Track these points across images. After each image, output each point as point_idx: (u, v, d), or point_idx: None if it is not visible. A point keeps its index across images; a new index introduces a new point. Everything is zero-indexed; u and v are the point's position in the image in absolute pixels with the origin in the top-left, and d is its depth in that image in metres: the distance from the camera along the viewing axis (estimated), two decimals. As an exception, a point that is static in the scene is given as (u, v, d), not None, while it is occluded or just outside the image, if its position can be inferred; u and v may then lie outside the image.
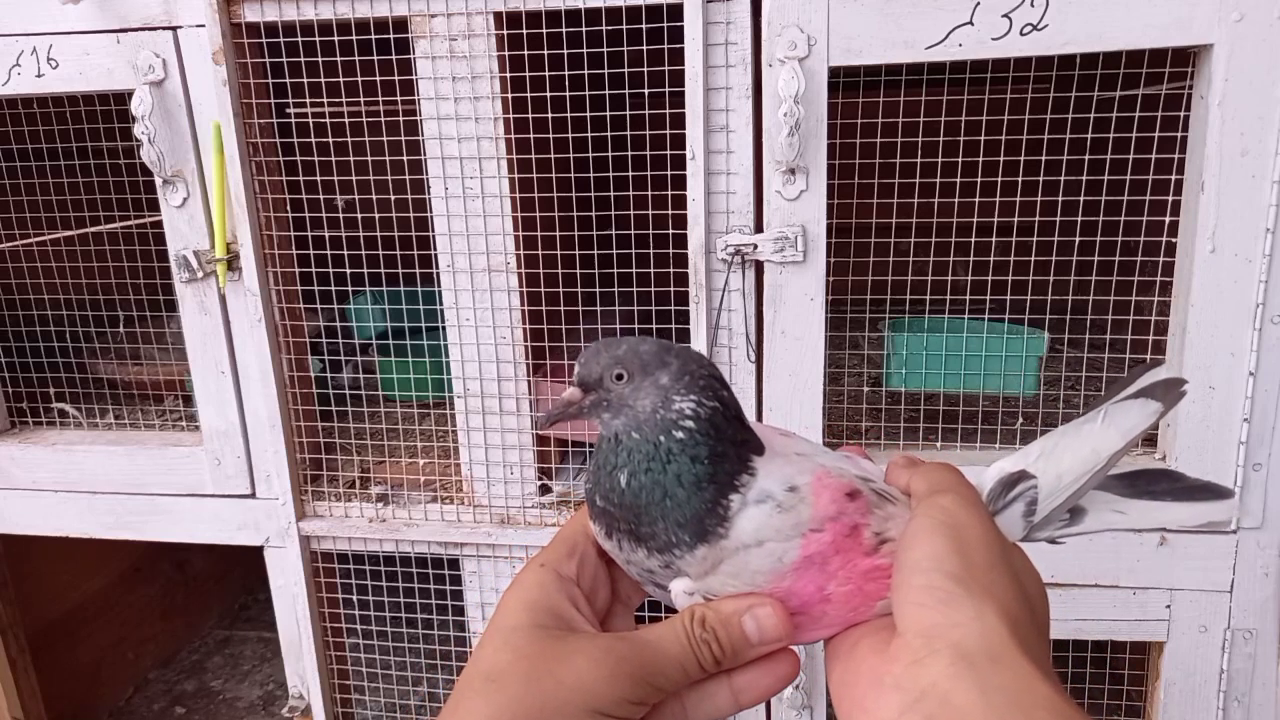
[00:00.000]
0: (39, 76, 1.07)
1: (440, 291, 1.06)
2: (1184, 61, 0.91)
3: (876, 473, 0.46)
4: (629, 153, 1.00)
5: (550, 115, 1.00)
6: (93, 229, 1.31)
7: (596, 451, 0.45)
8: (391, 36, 1.04)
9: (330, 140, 1.08)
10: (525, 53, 0.99)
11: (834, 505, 0.42)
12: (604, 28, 0.94)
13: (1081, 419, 0.47)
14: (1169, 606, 1.00)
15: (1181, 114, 0.92)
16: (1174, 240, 0.95)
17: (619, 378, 0.43)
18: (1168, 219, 0.95)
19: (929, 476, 0.44)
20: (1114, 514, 0.47)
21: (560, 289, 1.09)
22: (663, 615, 0.45)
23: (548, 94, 0.98)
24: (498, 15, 0.96)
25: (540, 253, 1.05)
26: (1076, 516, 0.47)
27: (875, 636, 0.40)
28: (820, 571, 0.41)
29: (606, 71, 0.96)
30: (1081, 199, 1.07)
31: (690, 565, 0.41)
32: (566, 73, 0.96)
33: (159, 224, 1.10)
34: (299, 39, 1.00)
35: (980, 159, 1.02)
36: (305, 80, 1.01)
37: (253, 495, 1.17)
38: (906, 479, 0.45)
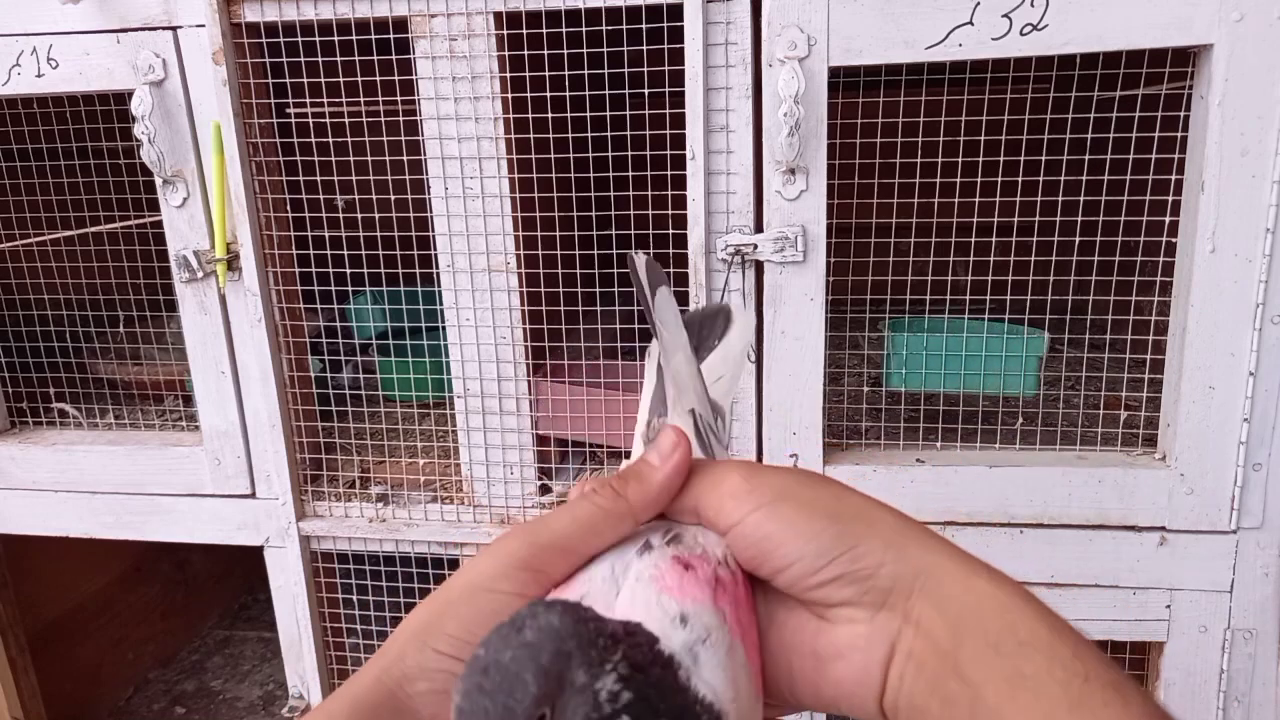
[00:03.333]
0: (39, 76, 1.07)
1: (440, 291, 1.06)
2: (1184, 61, 0.91)
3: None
4: (629, 153, 1.00)
5: (550, 115, 1.00)
6: (93, 229, 1.31)
7: None
8: (391, 36, 1.04)
9: (330, 140, 1.08)
10: (525, 53, 0.99)
11: (697, 591, 0.38)
12: (604, 28, 0.94)
13: (654, 365, 0.48)
14: (1169, 606, 1.00)
15: (1181, 114, 0.92)
16: (1174, 240, 0.95)
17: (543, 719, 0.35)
18: (1168, 219, 0.94)
19: (705, 496, 0.40)
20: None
21: (560, 289, 1.09)
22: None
23: (548, 94, 0.98)
24: (498, 15, 0.96)
25: (540, 253, 1.05)
26: (718, 414, 0.48)
27: (790, 626, 0.39)
28: (749, 628, 0.39)
29: (606, 71, 0.96)
30: (1081, 199, 1.07)
31: None
32: (566, 73, 0.96)
33: (159, 224, 1.10)
34: (299, 39, 1.00)
35: (980, 159, 1.02)
36: (305, 80, 1.01)
37: (253, 495, 1.17)
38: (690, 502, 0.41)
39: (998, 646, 0.33)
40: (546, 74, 0.97)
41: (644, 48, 0.94)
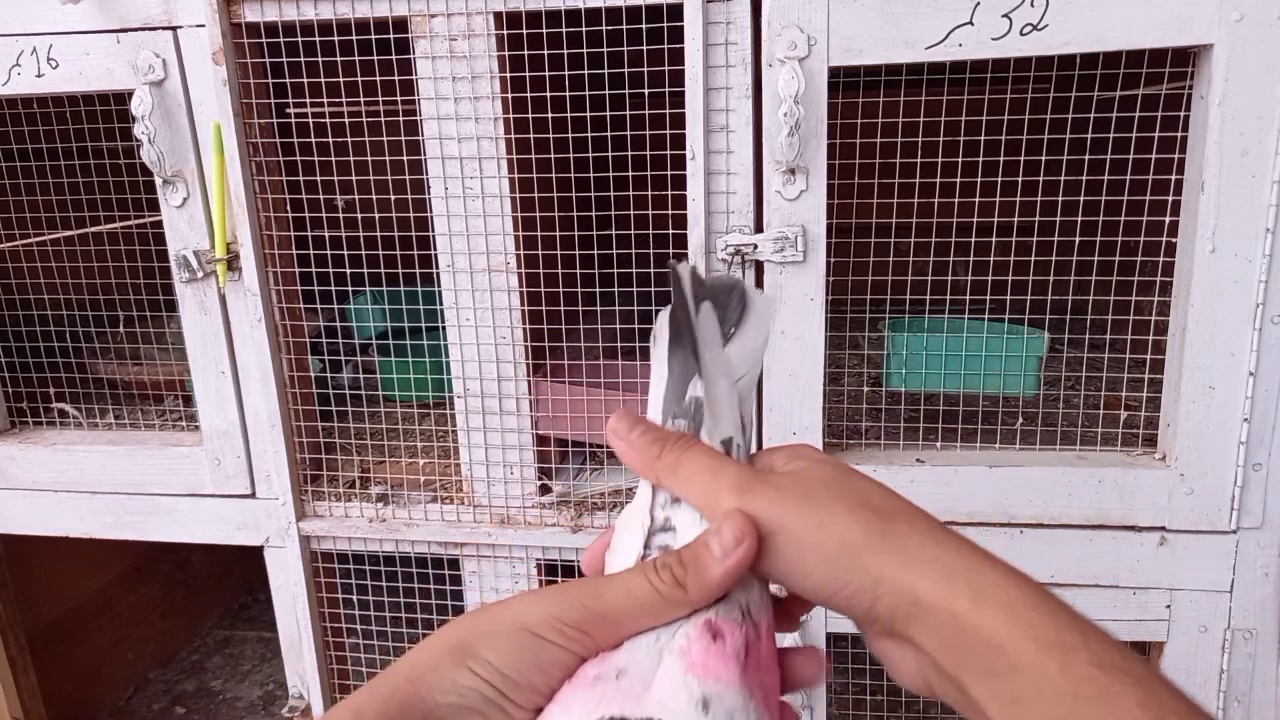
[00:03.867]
0: (39, 76, 1.07)
1: (440, 291, 1.06)
2: (1184, 61, 0.91)
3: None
4: (629, 153, 1.00)
5: (550, 115, 1.00)
6: (93, 229, 1.31)
7: None
8: (391, 36, 1.04)
9: (330, 140, 1.08)
10: (525, 53, 0.99)
11: (721, 668, 0.38)
12: (604, 28, 0.94)
13: (663, 357, 0.46)
14: (1169, 606, 1.00)
15: (1181, 114, 0.92)
16: (1174, 240, 0.95)
17: None
18: (1168, 219, 0.94)
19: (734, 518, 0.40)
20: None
21: (560, 289, 1.09)
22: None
23: (548, 94, 0.98)
24: (498, 15, 0.96)
25: (540, 253, 1.05)
26: (746, 427, 0.45)
27: (887, 645, 0.41)
28: (772, 690, 0.40)
29: (606, 71, 0.96)
30: (1081, 199, 1.07)
31: None
32: (566, 73, 0.96)
33: (159, 224, 1.10)
34: (299, 39, 1.00)
35: (980, 159, 1.02)
36: (305, 80, 1.01)
37: (253, 495, 1.17)
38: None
39: (989, 671, 0.35)
40: (546, 74, 0.97)
41: (644, 48, 0.94)
